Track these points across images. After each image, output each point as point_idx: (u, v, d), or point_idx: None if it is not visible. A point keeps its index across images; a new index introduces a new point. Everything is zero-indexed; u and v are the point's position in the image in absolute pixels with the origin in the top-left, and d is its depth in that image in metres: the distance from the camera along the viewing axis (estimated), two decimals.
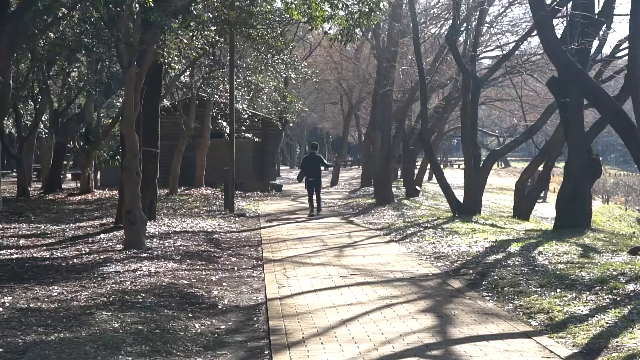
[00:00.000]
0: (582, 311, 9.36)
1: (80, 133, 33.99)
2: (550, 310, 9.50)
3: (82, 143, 32.94)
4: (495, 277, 11.90)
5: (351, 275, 12.64)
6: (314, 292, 11.11)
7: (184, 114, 32.81)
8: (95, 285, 10.88)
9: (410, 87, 32.94)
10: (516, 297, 10.45)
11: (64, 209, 25.46)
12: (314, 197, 25.41)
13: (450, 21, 26.47)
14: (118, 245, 15.22)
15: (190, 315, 9.45)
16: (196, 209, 25.33)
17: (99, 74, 28.00)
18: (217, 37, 23.13)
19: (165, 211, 24.14)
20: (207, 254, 14.86)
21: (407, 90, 33.87)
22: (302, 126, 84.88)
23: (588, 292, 10.18)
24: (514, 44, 27.11)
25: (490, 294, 10.91)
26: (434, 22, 34.60)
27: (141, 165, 18.56)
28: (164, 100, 33.17)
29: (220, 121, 33.48)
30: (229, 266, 13.68)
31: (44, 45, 25.99)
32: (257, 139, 37.42)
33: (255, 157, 40.50)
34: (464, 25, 27.37)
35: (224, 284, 11.84)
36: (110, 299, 9.89)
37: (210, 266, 13.46)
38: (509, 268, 12.46)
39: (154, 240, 16.24)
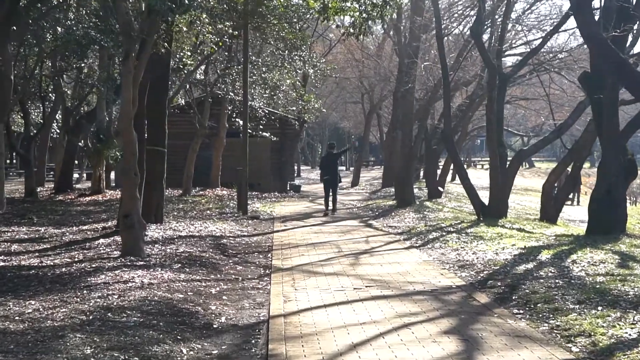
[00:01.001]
0: (629, 335, 8.08)
1: (92, 132, 33.03)
2: (592, 333, 8.23)
3: (94, 142, 31.93)
4: (527, 290, 10.64)
5: (366, 287, 11.42)
6: (323, 308, 9.90)
7: (198, 112, 31.76)
8: (78, 299, 9.70)
9: (433, 84, 31.73)
10: (552, 316, 9.19)
11: (70, 210, 24.41)
12: (330, 196, 25.34)
13: (474, 19, 25.45)
14: (115, 252, 14.04)
15: (179, 337, 8.24)
16: (208, 211, 24.22)
17: (108, 69, 26.95)
18: (230, 30, 22.12)
19: (175, 213, 23.07)
20: (211, 261, 13.67)
21: (430, 88, 32.65)
22: (323, 126, 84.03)
23: (634, 311, 8.90)
24: (540, 40, 25.89)
25: (521, 311, 9.65)
26: (458, 19, 33.63)
27: (145, 165, 17.65)
28: (180, 98, 32.17)
29: (236, 119, 32.41)
30: (233, 276, 12.49)
31: (54, 41, 24.98)
32: (274, 138, 36.24)
33: (273, 157, 39.42)
34: (489, 20, 26.19)
35: (224, 297, 10.65)
36: (90, 318, 8.69)
37: (212, 276, 12.27)
38: (542, 280, 11.21)
39: (156, 246, 15.07)
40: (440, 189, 35.06)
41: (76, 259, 13.35)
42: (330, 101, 64.87)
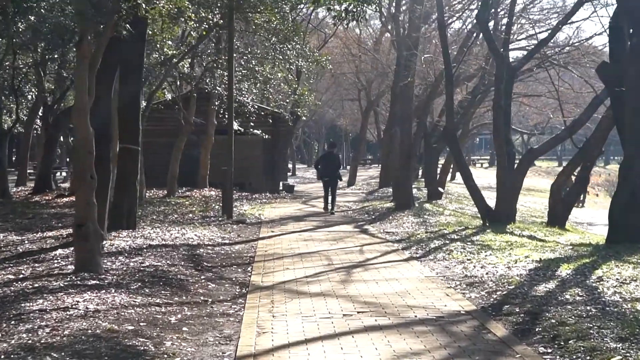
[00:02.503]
0: None
1: (71, 128, 31.21)
2: None
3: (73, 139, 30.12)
4: (553, 320, 8.75)
5: (358, 313, 9.52)
6: (304, 345, 8.00)
7: (184, 108, 29.86)
8: (0, 334, 7.83)
9: (433, 79, 29.95)
10: (589, 358, 7.31)
11: (43, 213, 22.54)
12: (329, 196, 24.78)
13: (474, 13, 23.96)
14: (70, 267, 12.11)
15: None
16: (190, 214, 22.37)
17: None
18: (215, 18, 20.35)
19: (154, 217, 21.23)
20: (178, 278, 11.76)
21: (430, 83, 30.88)
22: (320, 123, 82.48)
23: None
24: (546, 33, 24.23)
25: (549, 350, 7.75)
26: (459, 12, 32.16)
27: (116, 165, 16.17)
28: (166, 93, 30.30)
29: (226, 116, 30.60)
30: (202, 297, 10.56)
31: (29, 29, 23.18)
32: (266, 136, 34.37)
33: (265, 156, 37.56)
34: (493, 10, 24.46)
35: (184, 328, 8.72)
36: None
37: (176, 298, 10.35)
38: (569, 306, 9.33)
39: (119, 258, 13.17)
40: (441, 189, 33.37)
41: (21, 276, 11.45)
42: (326, 98, 63.26)
